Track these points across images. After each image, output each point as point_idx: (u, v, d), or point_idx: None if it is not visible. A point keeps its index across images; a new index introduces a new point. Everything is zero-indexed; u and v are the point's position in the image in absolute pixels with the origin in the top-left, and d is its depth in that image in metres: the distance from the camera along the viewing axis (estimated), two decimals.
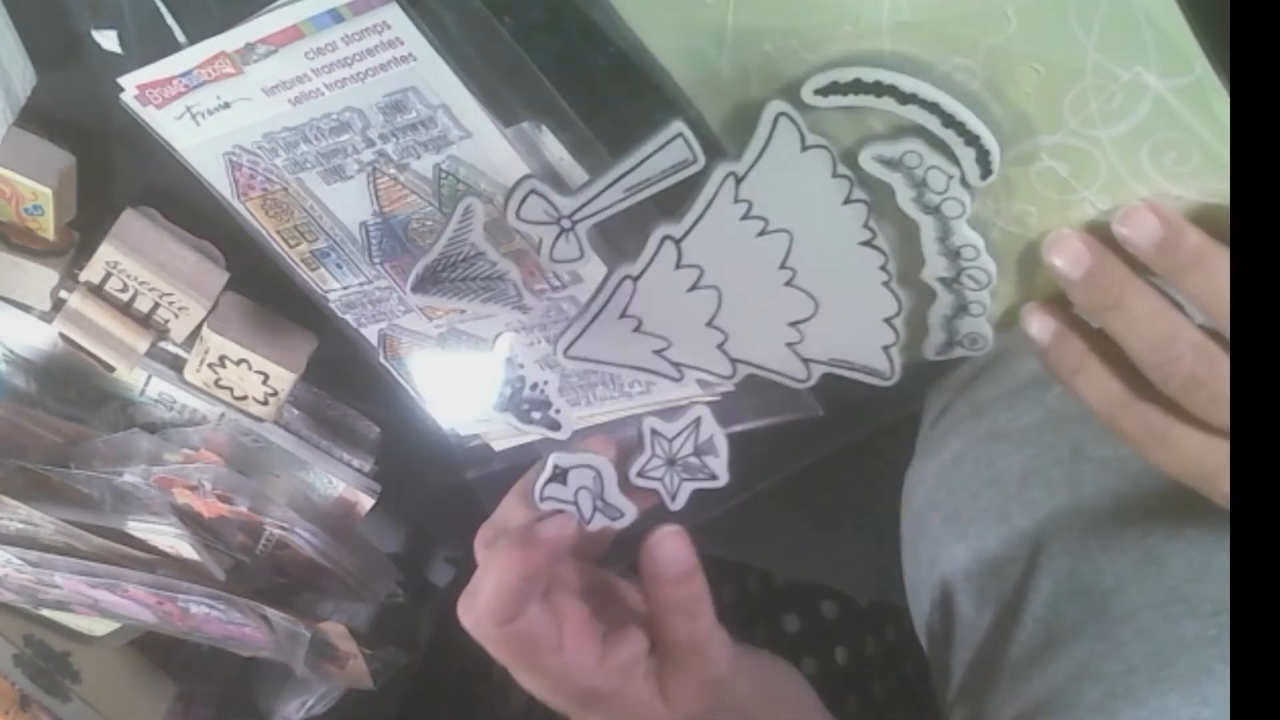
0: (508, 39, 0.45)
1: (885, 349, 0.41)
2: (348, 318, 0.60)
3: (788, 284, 0.39)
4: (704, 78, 0.40)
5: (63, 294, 0.60)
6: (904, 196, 0.39)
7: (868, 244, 0.39)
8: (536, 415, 0.38)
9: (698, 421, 0.40)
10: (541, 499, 0.41)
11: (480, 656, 0.46)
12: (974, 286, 0.40)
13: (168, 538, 0.66)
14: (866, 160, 0.38)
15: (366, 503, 0.69)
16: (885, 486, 0.61)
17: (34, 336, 0.63)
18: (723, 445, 0.41)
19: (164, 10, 0.51)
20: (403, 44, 0.45)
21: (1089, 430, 0.49)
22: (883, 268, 0.39)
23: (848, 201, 0.38)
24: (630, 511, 0.41)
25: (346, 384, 0.68)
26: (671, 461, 0.40)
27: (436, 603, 0.87)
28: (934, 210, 0.39)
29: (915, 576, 0.57)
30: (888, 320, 0.40)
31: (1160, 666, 0.43)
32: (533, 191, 0.35)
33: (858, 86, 0.36)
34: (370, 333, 0.61)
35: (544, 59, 0.46)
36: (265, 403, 0.64)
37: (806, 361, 0.41)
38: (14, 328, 0.63)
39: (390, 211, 0.53)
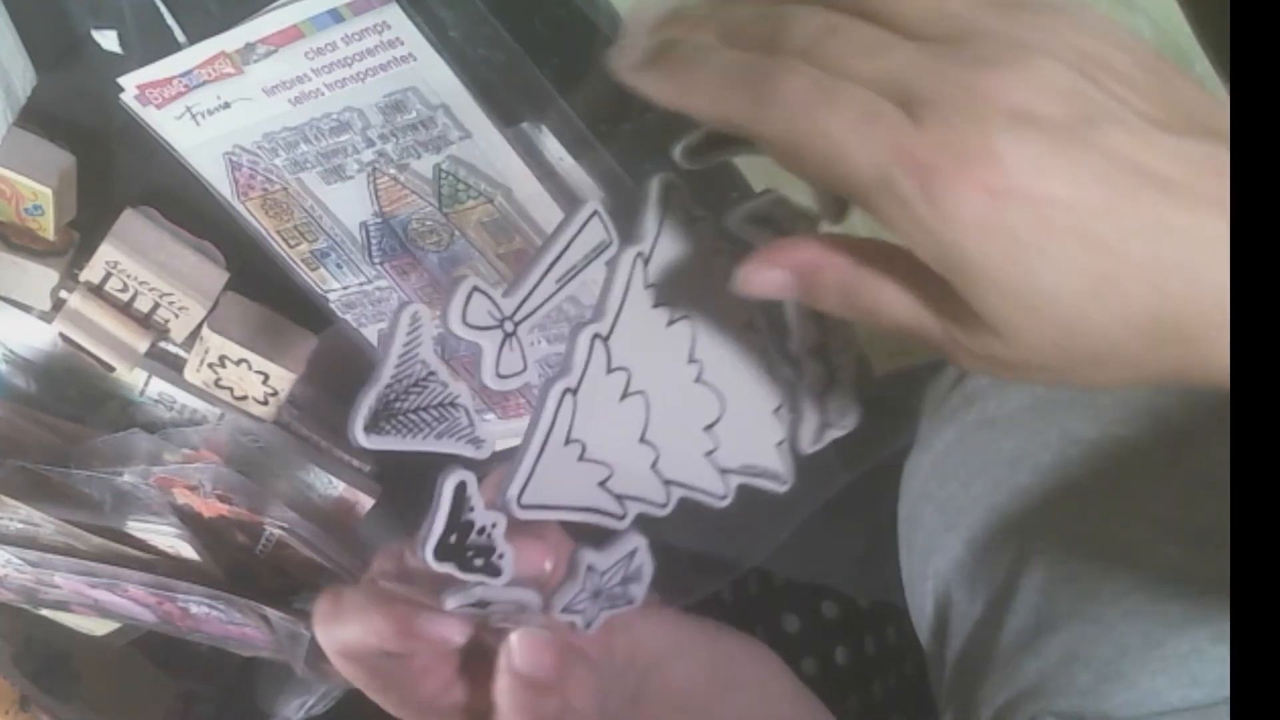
0: (508, 39, 0.45)
1: (778, 445, 0.37)
2: (348, 318, 0.60)
3: (696, 380, 0.36)
4: None
5: (63, 294, 0.60)
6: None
7: (749, 325, 0.36)
8: (479, 563, 0.32)
9: (633, 553, 0.35)
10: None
11: None
12: (838, 349, 0.37)
13: (168, 538, 0.66)
14: (737, 223, 0.35)
15: (366, 503, 0.69)
16: (885, 486, 0.61)
17: (34, 336, 0.63)
18: (648, 571, 0.37)
19: (164, 10, 0.51)
20: (403, 44, 0.45)
21: (1077, 414, 0.49)
22: (763, 351, 0.37)
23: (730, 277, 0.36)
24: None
25: (346, 384, 0.68)
26: (597, 594, 0.35)
27: None
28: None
29: (911, 569, 0.57)
30: (775, 412, 0.37)
31: (1150, 648, 0.43)
32: (475, 290, 0.30)
33: (722, 140, 0.32)
34: (370, 333, 0.61)
35: (544, 59, 0.46)
36: (265, 403, 0.64)
37: (723, 473, 0.37)
38: (14, 328, 0.63)
39: (390, 212, 0.53)
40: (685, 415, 0.36)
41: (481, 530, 0.32)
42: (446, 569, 0.31)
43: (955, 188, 0.25)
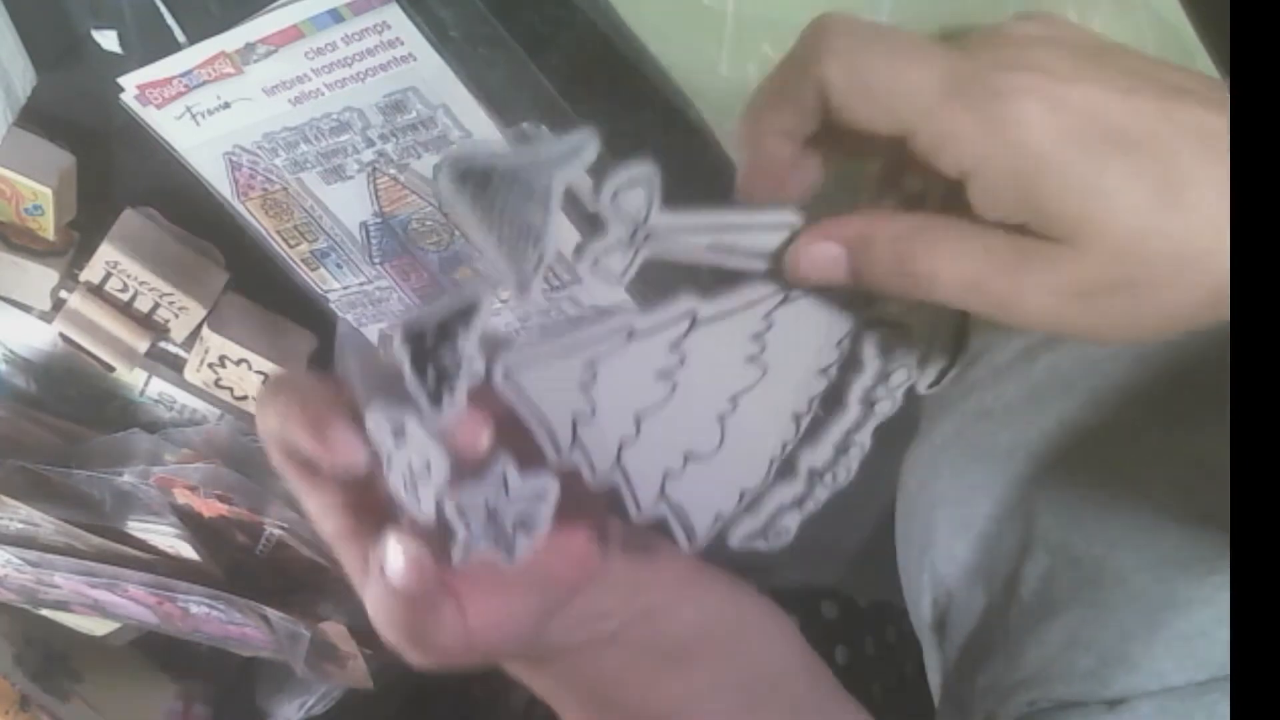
0: (508, 39, 0.45)
1: (716, 517, 0.36)
2: (348, 318, 0.60)
3: (720, 416, 0.35)
4: (703, 77, 0.40)
5: (63, 294, 0.60)
6: (858, 384, 0.36)
7: (798, 415, 0.36)
8: (430, 380, 0.30)
9: (544, 493, 0.33)
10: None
11: None
12: (829, 485, 0.36)
13: (168, 538, 0.66)
14: (870, 343, 0.35)
15: None
16: (885, 486, 0.61)
17: (34, 336, 0.63)
18: (540, 526, 0.33)
19: (164, 10, 0.51)
20: (403, 44, 0.45)
21: (1074, 402, 0.49)
22: (784, 445, 0.36)
23: (822, 373, 0.36)
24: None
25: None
26: (492, 514, 0.33)
27: None
28: (870, 402, 0.36)
29: (908, 562, 0.57)
30: (742, 492, 0.36)
31: (1154, 631, 0.43)
32: (648, 185, 0.30)
33: None
34: (370, 332, 0.61)
35: (544, 59, 0.46)
36: None
37: (661, 496, 0.35)
38: (14, 328, 0.63)
39: (390, 211, 0.53)
40: (684, 435, 0.35)
41: (458, 358, 0.30)
42: (401, 355, 0.30)
43: (1019, 85, 0.27)
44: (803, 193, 0.34)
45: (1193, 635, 0.43)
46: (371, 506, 0.35)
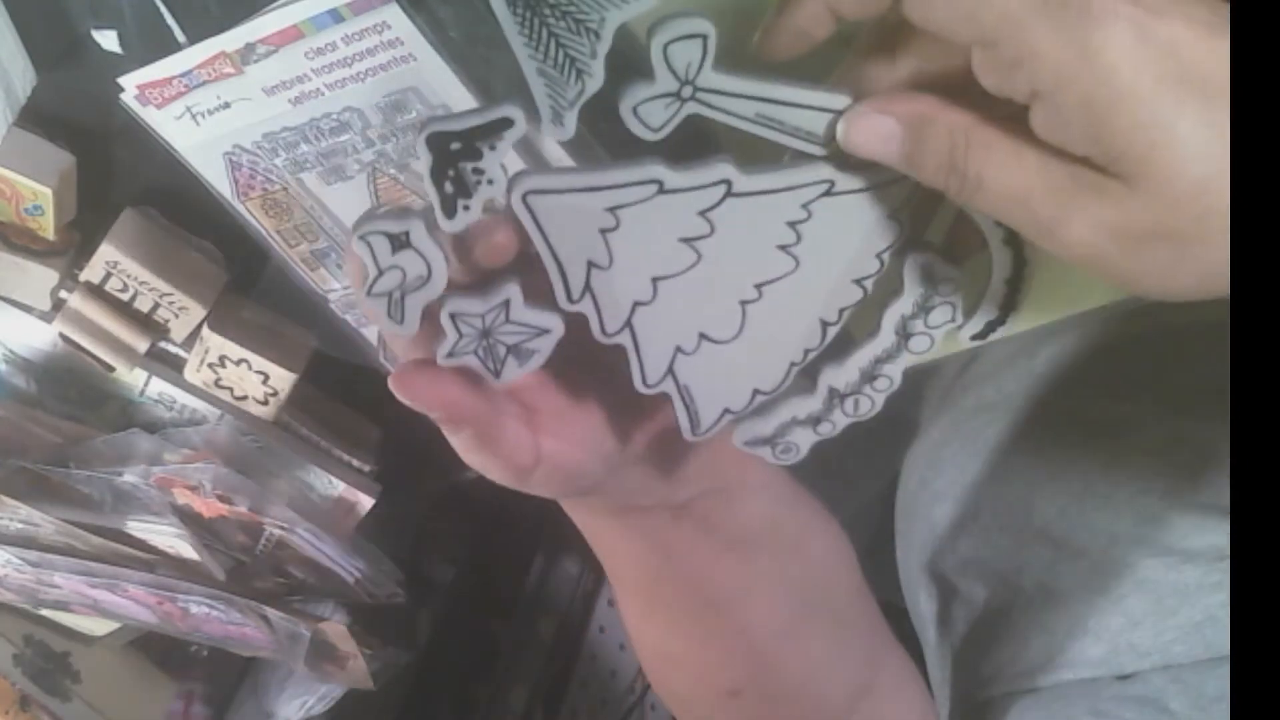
0: (508, 39, 0.45)
1: (725, 411, 0.36)
2: (348, 317, 0.60)
3: (742, 302, 0.34)
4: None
5: (63, 294, 0.60)
6: (895, 309, 0.35)
7: (826, 322, 0.35)
8: (448, 185, 0.30)
9: (506, 303, 0.33)
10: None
11: (480, 656, 0.44)
12: (849, 413, 0.36)
13: (168, 538, 0.66)
14: (913, 263, 0.34)
15: (366, 503, 0.69)
16: (884, 485, 0.61)
17: (34, 336, 0.63)
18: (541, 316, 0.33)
19: (164, 10, 0.51)
20: (403, 44, 0.45)
21: (1076, 393, 0.49)
22: (807, 352, 0.35)
23: (858, 279, 0.34)
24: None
25: (346, 384, 0.68)
26: (486, 334, 0.33)
27: (436, 603, 0.87)
28: (906, 334, 0.35)
29: (908, 559, 0.57)
30: (755, 390, 0.36)
31: (1162, 617, 0.43)
32: (703, 41, 0.29)
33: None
34: (370, 332, 0.61)
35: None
36: (265, 403, 0.64)
37: (668, 373, 0.35)
38: (14, 328, 0.62)
39: None
40: (705, 309, 0.34)
41: (480, 171, 0.30)
42: (423, 156, 0.30)
43: (1111, 9, 0.26)
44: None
45: (1201, 621, 0.43)
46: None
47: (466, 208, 0.30)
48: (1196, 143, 0.26)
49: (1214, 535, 0.43)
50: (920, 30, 0.29)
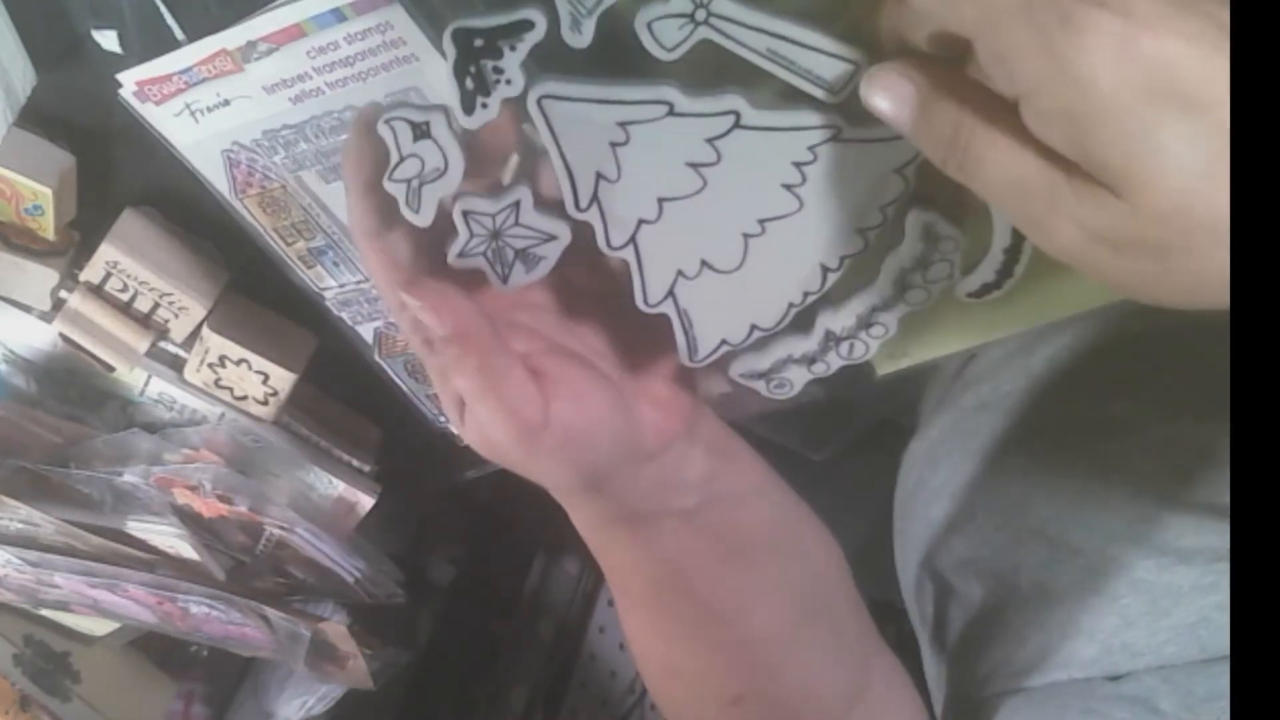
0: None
1: (722, 342, 0.37)
2: (344, 315, 0.60)
3: (745, 235, 0.35)
4: (704, 78, 0.40)
5: (63, 294, 0.60)
6: (894, 260, 0.35)
7: (826, 268, 0.36)
8: (469, 80, 0.31)
9: (517, 205, 0.34)
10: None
11: (480, 656, 0.44)
12: (843, 356, 0.37)
13: (168, 538, 0.66)
14: (915, 220, 0.35)
15: (366, 503, 0.69)
16: (884, 485, 0.61)
17: (34, 336, 0.63)
18: (553, 236, 0.35)
19: (164, 10, 0.51)
20: (405, 44, 0.45)
21: (1074, 395, 0.49)
22: (806, 295, 0.36)
23: (860, 229, 0.35)
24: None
25: (346, 384, 0.68)
26: (496, 235, 0.34)
27: (436, 603, 0.87)
28: (904, 286, 0.36)
29: (905, 557, 0.57)
30: (754, 325, 0.37)
31: (1156, 618, 0.43)
32: None
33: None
34: (366, 330, 0.61)
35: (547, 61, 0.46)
36: (265, 403, 0.64)
37: (669, 294, 0.36)
38: (14, 328, 0.62)
39: None
40: (706, 236, 0.35)
41: (500, 70, 0.31)
42: (449, 51, 0.31)
43: (1094, 21, 0.25)
44: None
45: (1195, 622, 0.43)
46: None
47: (485, 105, 0.32)
48: (1180, 157, 0.26)
49: (1209, 536, 0.43)
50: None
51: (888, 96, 0.30)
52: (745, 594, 0.42)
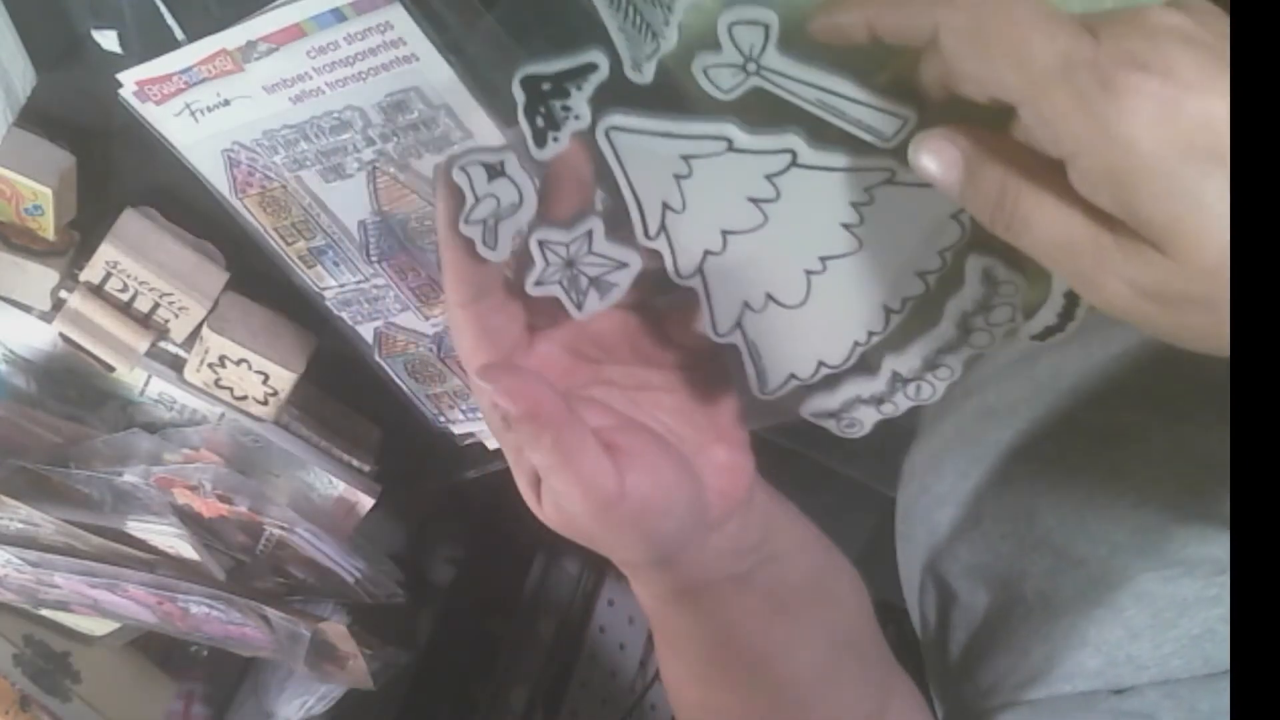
0: (511, 41, 0.45)
1: (791, 377, 0.38)
2: (343, 315, 0.60)
3: (807, 271, 0.37)
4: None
5: (63, 294, 0.60)
6: (956, 304, 0.36)
7: (889, 309, 0.37)
8: (539, 118, 0.33)
9: (589, 234, 0.35)
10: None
11: (480, 656, 0.44)
12: (911, 396, 0.38)
13: (168, 538, 0.66)
14: (974, 264, 0.35)
15: (366, 503, 0.69)
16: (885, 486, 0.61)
17: (34, 336, 0.63)
18: (625, 260, 0.36)
19: (164, 10, 0.51)
20: (406, 44, 0.45)
21: (1079, 402, 0.49)
22: (870, 335, 0.37)
23: (920, 272, 0.36)
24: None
25: (346, 384, 0.68)
26: (570, 264, 0.36)
27: (436, 603, 0.87)
28: (967, 329, 0.36)
29: (908, 561, 0.57)
30: (821, 362, 0.38)
31: (1161, 630, 0.43)
32: (766, 29, 0.32)
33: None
34: (366, 330, 0.61)
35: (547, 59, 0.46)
36: (265, 403, 0.64)
37: (737, 326, 0.38)
38: (14, 328, 0.62)
39: (390, 210, 0.53)
40: (765, 269, 0.36)
41: (568, 108, 0.33)
42: (518, 96, 0.33)
43: (1134, 84, 0.26)
44: None
45: (1200, 635, 0.43)
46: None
47: (556, 139, 0.34)
48: (1224, 214, 0.26)
49: (1213, 547, 0.43)
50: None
51: (935, 160, 0.31)
52: (787, 642, 0.43)
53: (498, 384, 0.35)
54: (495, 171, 0.34)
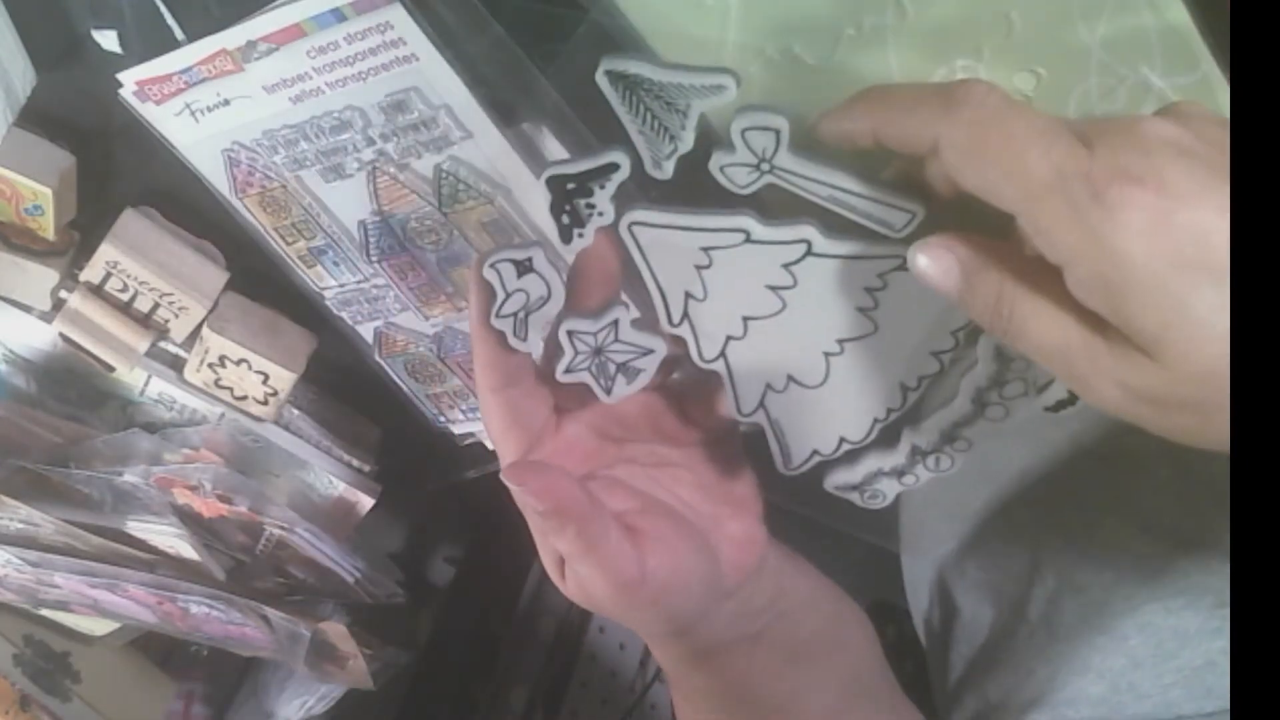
0: (510, 41, 0.45)
1: (814, 453, 0.40)
2: (343, 315, 0.60)
3: (826, 353, 0.38)
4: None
5: (63, 294, 0.60)
6: (970, 380, 0.37)
7: (906, 387, 0.38)
8: (566, 217, 0.35)
9: (616, 323, 0.37)
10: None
11: (480, 656, 0.45)
12: (931, 469, 0.39)
13: (168, 538, 0.66)
14: (986, 343, 0.36)
15: (366, 503, 0.69)
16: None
17: (34, 336, 0.63)
18: (651, 346, 0.38)
19: (164, 10, 0.51)
20: (405, 44, 0.45)
21: (1088, 426, 0.49)
22: (890, 411, 0.39)
23: (935, 352, 0.37)
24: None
25: (346, 384, 0.68)
26: (598, 352, 0.37)
27: (436, 603, 0.87)
28: (982, 404, 0.37)
29: (914, 573, 0.57)
30: (842, 438, 0.39)
31: (1163, 660, 0.44)
32: (777, 133, 0.33)
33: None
34: (366, 330, 0.61)
35: (548, 61, 0.46)
36: (265, 403, 0.64)
37: (760, 406, 0.39)
38: (14, 328, 0.62)
39: (390, 210, 0.53)
40: (787, 352, 0.38)
41: (592, 206, 0.35)
42: (543, 196, 0.35)
43: (1127, 197, 0.27)
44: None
45: (1202, 667, 0.43)
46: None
47: (581, 235, 0.36)
48: (1213, 325, 0.27)
49: (1216, 577, 0.44)
50: None
51: (933, 267, 0.32)
52: (800, 690, 0.45)
53: (524, 485, 0.37)
54: (524, 268, 0.36)
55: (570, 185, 0.35)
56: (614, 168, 0.34)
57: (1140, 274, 0.27)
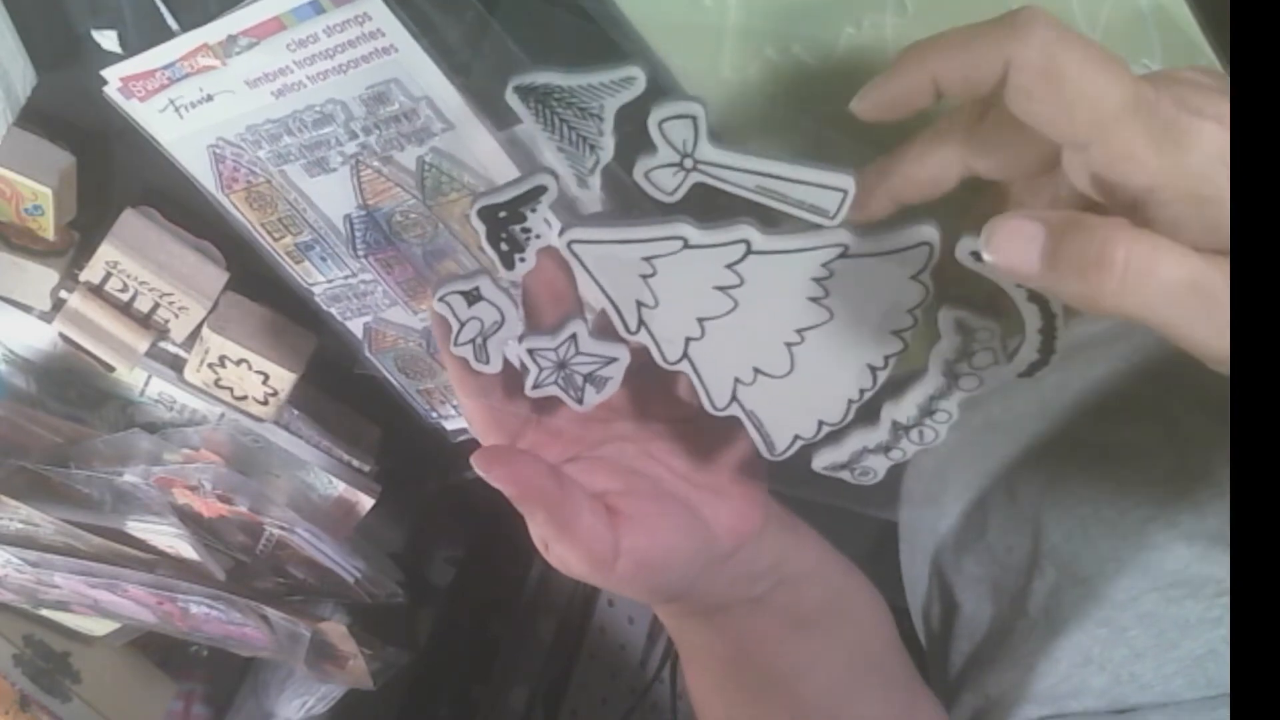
0: (494, 31, 0.45)
1: (796, 438, 0.40)
2: (333, 311, 0.60)
3: (787, 344, 0.38)
4: (704, 80, 0.40)
5: (63, 294, 0.60)
6: (938, 354, 0.37)
7: (874, 367, 0.38)
8: (504, 246, 0.35)
9: (574, 337, 0.38)
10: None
11: (480, 656, 0.45)
12: (915, 441, 0.39)
13: (168, 538, 0.67)
14: (946, 317, 0.36)
15: (366, 503, 0.69)
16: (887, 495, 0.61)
17: (34, 336, 0.63)
18: (611, 356, 0.38)
19: (164, 10, 0.51)
20: (384, 35, 0.45)
21: (1085, 417, 0.49)
22: (862, 391, 0.39)
23: (895, 331, 0.37)
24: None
25: (346, 384, 0.68)
26: (562, 365, 0.38)
27: (436, 603, 0.87)
28: (954, 375, 0.37)
29: (912, 569, 0.57)
30: (821, 421, 0.39)
31: (1164, 650, 0.43)
32: (694, 121, 0.32)
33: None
34: (355, 326, 0.61)
35: (535, 54, 0.46)
36: (265, 403, 0.64)
37: (733, 399, 0.39)
38: (14, 328, 0.63)
39: (374, 204, 0.53)
40: (749, 347, 0.38)
41: (528, 230, 0.35)
42: (478, 226, 0.35)
43: (1196, 127, 0.27)
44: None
45: (1203, 656, 0.43)
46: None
47: (522, 259, 0.36)
48: None
49: (1216, 567, 0.43)
50: (1007, 125, 0.30)
51: (1010, 243, 0.29)
52: (806, 660, 0.45)
53: (490, 473, 0.38)
54: (473, 297, 0.37)
55: (502, 214, 0.35)
56: (541, 190, 0.34)
57: (1225, 195, 0.27)
